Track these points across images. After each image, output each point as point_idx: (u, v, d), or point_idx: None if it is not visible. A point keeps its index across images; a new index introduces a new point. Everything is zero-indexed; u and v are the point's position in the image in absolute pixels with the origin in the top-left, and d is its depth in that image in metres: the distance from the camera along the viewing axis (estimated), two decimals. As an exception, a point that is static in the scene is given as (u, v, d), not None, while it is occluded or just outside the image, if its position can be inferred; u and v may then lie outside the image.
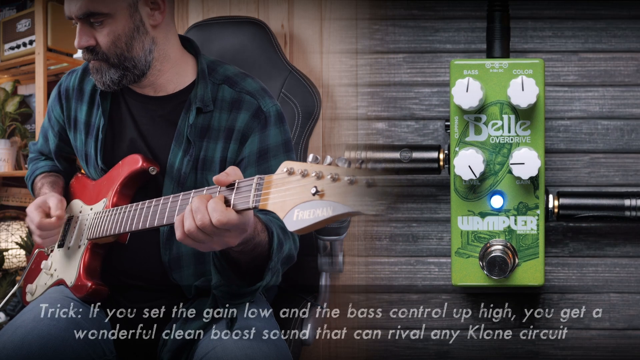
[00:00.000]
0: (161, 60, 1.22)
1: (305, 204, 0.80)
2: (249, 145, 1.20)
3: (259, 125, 1.20)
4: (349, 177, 0.76)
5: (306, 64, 1.68)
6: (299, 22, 1.71)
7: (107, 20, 1.15)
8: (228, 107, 1.22)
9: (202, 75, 1.23)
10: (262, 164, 1.19)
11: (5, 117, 2.48)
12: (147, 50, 1.19)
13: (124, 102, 1.27)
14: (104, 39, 1.16)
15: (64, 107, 1.33)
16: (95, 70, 1.20)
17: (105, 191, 1.24)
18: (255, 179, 0.90)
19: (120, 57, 1.18)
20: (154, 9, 1.19)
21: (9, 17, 2.48)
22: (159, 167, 1.21)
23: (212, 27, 1.61)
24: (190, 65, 1.26)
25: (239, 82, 1.24)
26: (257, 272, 1.05)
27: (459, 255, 1.36)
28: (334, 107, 1.64)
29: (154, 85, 1.23)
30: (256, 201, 0.88)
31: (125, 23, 1.17)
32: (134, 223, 1.10)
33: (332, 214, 0.77)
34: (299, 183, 0.81)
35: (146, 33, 1.19)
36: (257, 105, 1.21)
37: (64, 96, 1.33)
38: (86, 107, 1.30)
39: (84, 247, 1.22)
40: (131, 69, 1.19)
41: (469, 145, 1.32)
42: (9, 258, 2.43)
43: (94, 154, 1.27)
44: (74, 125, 1.32)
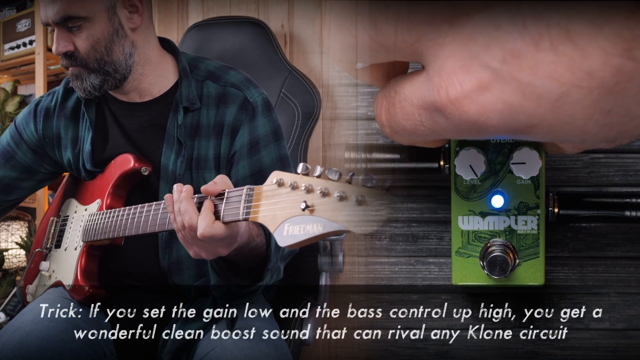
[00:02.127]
0: (142, 63, 1.20)
1: (295, 218, 0.78)
2: (240, 138, 1.19)
3: (247, 117, 1.19)
4: (339, 193, 0.74)
5: (306, 64, 1.68)
6: (299, 22, 1.71)
7: (85, 24, 1.14)
8: (215, 103, 1.21)
9: (184, 73, 1.22)
10: (253, 155, 1.19)
11: (5, 117, 2.48)
12: (127, 54, 1.18)
13: (110, 111, 1.25)
14: (82, 43, 1.15)
15: (40, 125, 1.29)
16: (75, 77, 1.18)
17: (99, 191, 1.23)
18: (244, 189, 0.89)
19: (100, 61, 1.17)
20: (132, 11, 1.18)
21: (9, 17, 2.48)
22: (151, 167, 1.20)
23: (212, 27, 1.61)
24: (171, 66, 1.25)
25: (222, 76, 1.23)
26: (256, 272, 1.05)
27: (459, 255, 1.36)
28: (334, 107, 1.63)
29: (138, 90, 1.22)
30: (246, 213, 0.87)
31: (104, 26, 1.16)
32: (128, 228, 1.10)
33: (323, 232, 0.75)
34: (289, 196, 0.80)
35: (125, 36, 1.17)
36: (243, 97, 1.20)
37: (41, 115, 1.29)
38: (72, 123, 1.28)
39: (80, 249, 1.22)
40: (112, 74, 1.18)
41: (469, 145, 1.32)
42: (9, 258, 2.43)
43: (83, 167, 1.26)
44: (57, 142, 1.29)
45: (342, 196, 0.74)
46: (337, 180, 0.75)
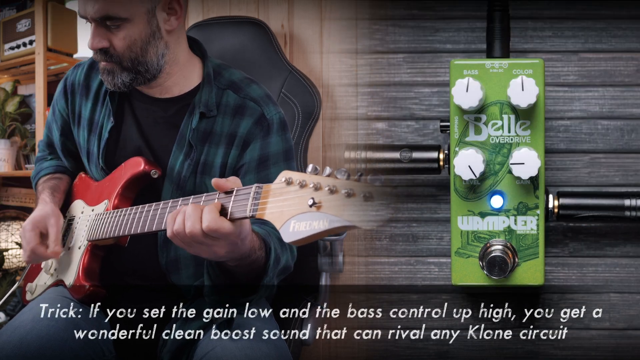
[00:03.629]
0: (171, 63, 1.21)
1: (302, 215, 0.78)
2: (250, 152, 1.19)
3: (261, 133, 1.20)
4: (346, 189, 0.75)
5: (306, 64, 1.68)
6: (299, 22, 1.71)
7: (124, 24, 1.14)
8: (231, 113, 1.21)
9: (208, 79, 1.23)
10: (261, 171, 1.19)
11: (5, 117, 2.48)
12: (160, 55, 1.18)
13: (129, 102, 1.26)
14: (119, 42, 1.15)
15: (69, 100, 1.32)
16: (107, 72, 1.19)
17: (107, 193, 1.24)
18: (253, 187, 0.89)
19: (134, 61, 1.17)
20: (170, 14, 1.18)
21: (9, 17, 2.48)
22: (160, 171, 1.20)
23: (212, 27, 1.61)
24: (196, 68, 1.25)
25: (243, 88, 1.24)
26: (251, 284, 1.06)
27: (459, 255, 1.36)
28: (334, 107, 1.64)
29: (161, 87, 1.23)
30: (253, 210, 0.87)
31: (143, 28, 1.15)
32: (133, 227, 1.10)
33: (328, 227, 0.76)
34: (297, 194, 0.80)
35: (161, 38, 1.18)
36: (260, 112, 1.21)
37: (70, 90, 1.32)
38: (91, 104, 1.29)
39: (84, 248, 1.22)
40: (143, 73, 1.18)
41: (469, 145, 1.32)
42: (9, 258, 2.43)
43: (97, 153, 1.27)
44: (78, 120, 1.31)
45: (349, 193, 0.74)
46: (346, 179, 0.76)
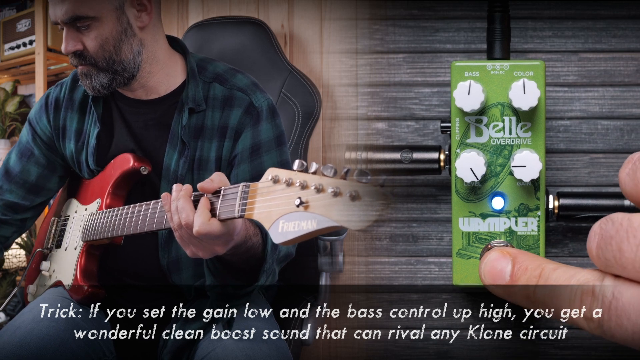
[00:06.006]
0: (150, 62, 1.20)
1: (290, 215, 0.77)
2: (242, 141, 1.19)
3: (251, 121, 1.19)
4: (333, 188, 0.73)
5: (306, 64, 1.68)
6: (299, 22, 1.71)
7: (93, 23, 1.14)
8: (220, 105, 1.21)
9: (192, 74, 1.23)
10: (254, 159, 1.19)
11: (5, 117, 2.48)
12: (135, 53, 1.18)
13: (116, 107, 1.26)
14: (91, 42, 1.15)
15: (52, 117, 1.30)
16: (84, 75, 1.18)
17: (99, 191, 1.23)
18: (240, 186, 0.88)
19: (108, 60, 1.16)
20: (140, 10, 1.18)
21: (9, 17, 2.48)
22: (150, 167, 1.20)
23: (212, 27, 1.61)
24: (179, 65, 1.25)
25: (229, 79, 1.23)
26: (252, 272, 1.05)
27: (460, 257, 1.36)
28: (334, 107, 1.64)
29: (144, 88, 1.22)
30: (241, 210, 0.87)
31: (113, 26, 1.15)
32: (127, 227, 1.10)
33: (317, 227, 0.74)
34: (284, 193, 0.79)
35: (134, 35, 1.17)
36: (248, 101, 1.21)
37: (52, 106, 1.30)
38: (77, 115, 1.28)
39: (79, 249, 1.22)
40: (120, 72, 1.18)
41: (470, 147, 1.32)
42: (9, 258, 2.43)
43: (85, 162, 1.26)
44: (63, 134, 1.29)
45: (336, 192, 0.72)
46: (332, 177, 0.74)
